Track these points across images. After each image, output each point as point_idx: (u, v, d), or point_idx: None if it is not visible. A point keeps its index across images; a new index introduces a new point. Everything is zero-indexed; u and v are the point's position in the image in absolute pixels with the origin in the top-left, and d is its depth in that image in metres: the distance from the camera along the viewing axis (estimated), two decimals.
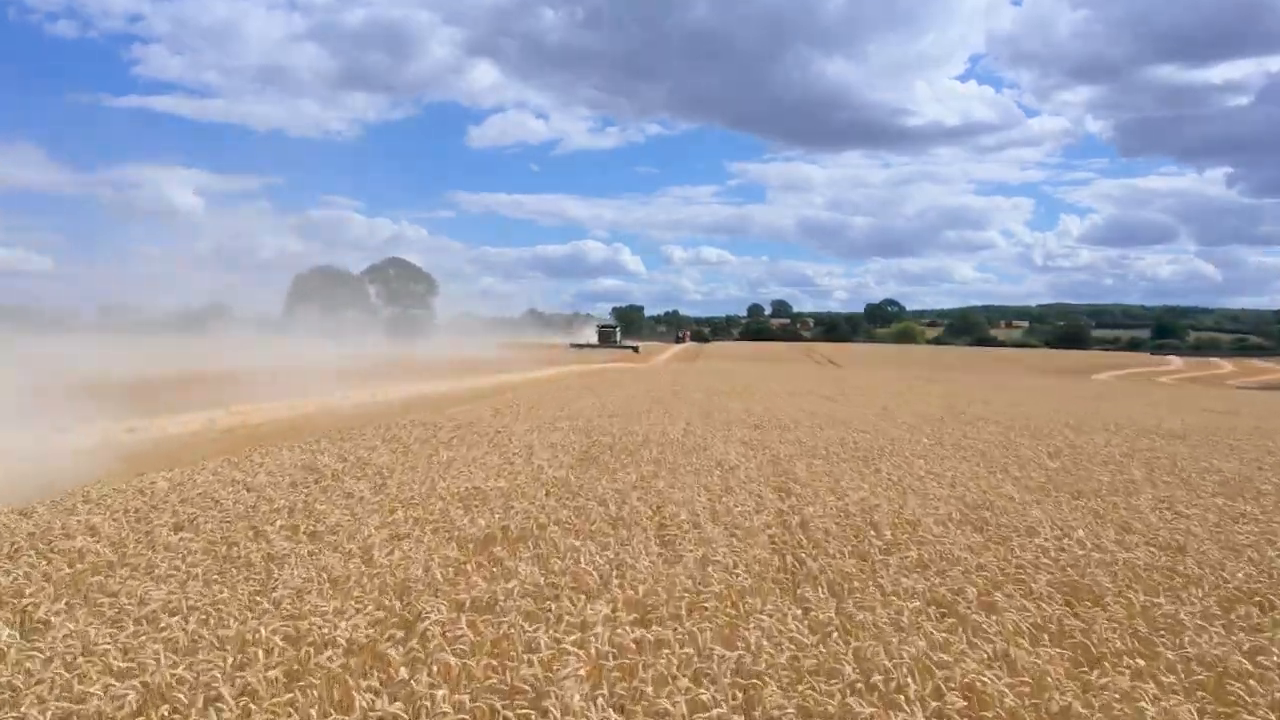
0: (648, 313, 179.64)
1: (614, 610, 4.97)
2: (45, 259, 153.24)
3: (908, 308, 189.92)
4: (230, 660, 4.15)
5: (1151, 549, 6.89)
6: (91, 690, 3.78)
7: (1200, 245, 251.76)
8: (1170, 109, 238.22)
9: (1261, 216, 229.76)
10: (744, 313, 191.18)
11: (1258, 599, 5.62)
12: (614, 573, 5.67)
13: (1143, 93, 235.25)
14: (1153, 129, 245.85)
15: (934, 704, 3.90)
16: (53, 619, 4.81)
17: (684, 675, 4.07)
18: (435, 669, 4.03)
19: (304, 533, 6.92)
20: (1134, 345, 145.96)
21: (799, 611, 5.09)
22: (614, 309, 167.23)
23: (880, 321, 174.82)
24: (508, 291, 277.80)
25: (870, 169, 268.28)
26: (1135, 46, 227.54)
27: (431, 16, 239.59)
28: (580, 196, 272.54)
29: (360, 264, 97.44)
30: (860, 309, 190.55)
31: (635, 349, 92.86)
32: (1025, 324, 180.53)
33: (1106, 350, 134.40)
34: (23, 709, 3.66)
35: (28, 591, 5.26)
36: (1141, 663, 4.44)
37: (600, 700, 3.77)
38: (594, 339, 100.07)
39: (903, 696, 3.92)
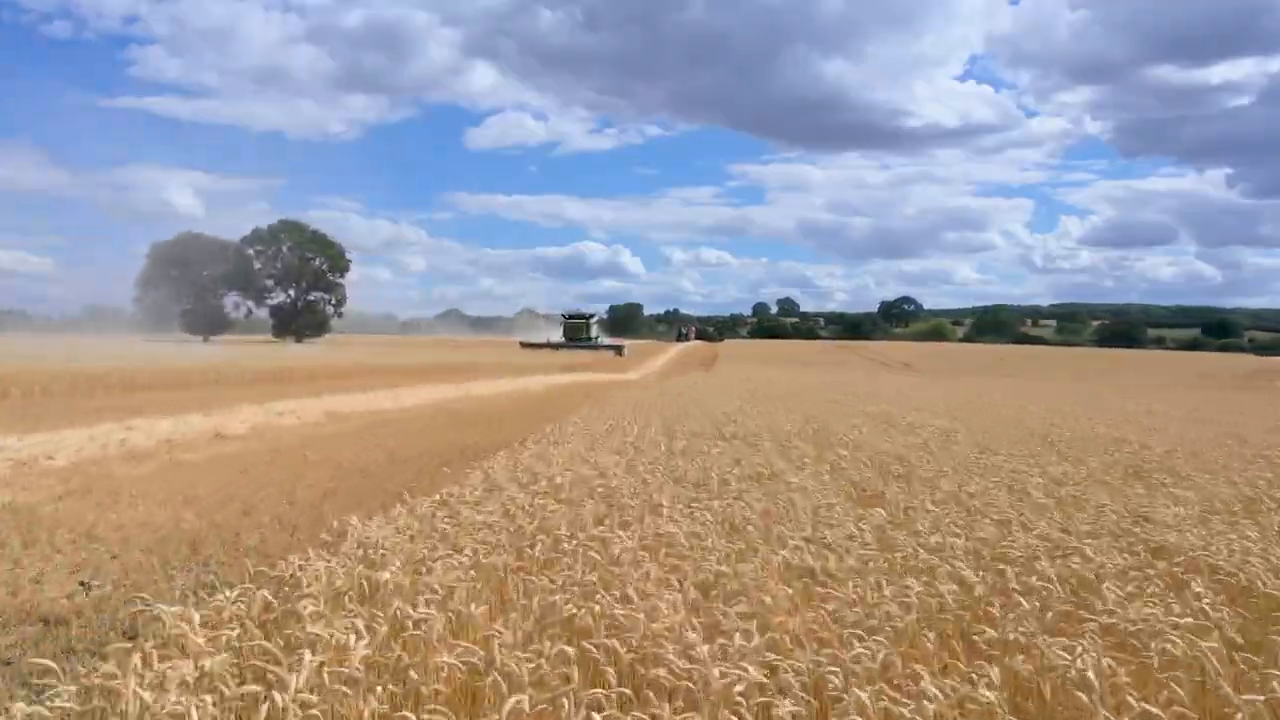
0: (647, 313, 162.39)
1: None
2: (44, 260, 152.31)
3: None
4: None
5: None
6: None
7: (1200, 246, 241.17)
8: (1170, 109, 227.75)
9: (1262, 217, 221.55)
10: (748, 313, 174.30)
11: None
12: None
13: (1143, 93, 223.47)
14: (1153, 130, 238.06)
15: None
16: None
17: None
18: None
19: None
20: (1194, 345, 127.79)
21: None
22: (610, 308, 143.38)
23: (897, 320, 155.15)
24: (507, 293, 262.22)
25: (870, 170, 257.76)
26: (1135, 47, 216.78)
27: (430, 18, 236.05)
28: (579, 198, 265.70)
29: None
30: (860, 310, 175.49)
31: (619, 350, 66.46)
32: (1052, 323, 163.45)
33: (1168, 350, 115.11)
34: None
35: None
36: None
37: None
38: (558, 336, 72.22)
39: None
